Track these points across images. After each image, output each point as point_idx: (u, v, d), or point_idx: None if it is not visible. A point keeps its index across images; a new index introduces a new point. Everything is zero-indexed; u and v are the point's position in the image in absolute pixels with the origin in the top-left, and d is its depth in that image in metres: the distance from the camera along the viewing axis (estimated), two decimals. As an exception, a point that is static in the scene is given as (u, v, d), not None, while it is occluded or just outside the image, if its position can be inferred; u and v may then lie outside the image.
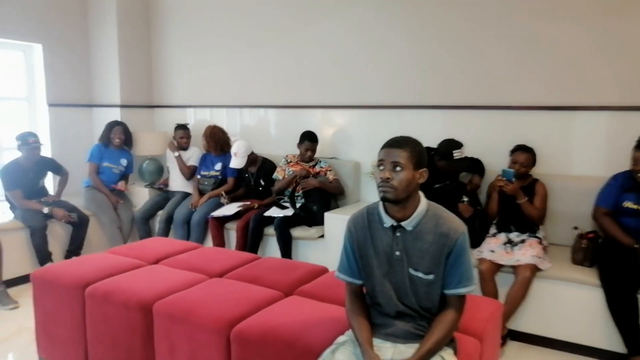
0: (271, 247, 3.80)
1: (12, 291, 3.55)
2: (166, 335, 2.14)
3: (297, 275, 2.50)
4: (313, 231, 3.64)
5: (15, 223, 3.80)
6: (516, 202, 3.04)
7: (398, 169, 1.55)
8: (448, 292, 1.61)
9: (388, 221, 1.62)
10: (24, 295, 3.48)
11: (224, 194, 4.15)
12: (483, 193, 3.36)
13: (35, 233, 3.75)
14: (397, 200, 1.56)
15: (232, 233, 3.94)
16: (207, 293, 2.26)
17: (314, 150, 3.94)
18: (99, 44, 4.91)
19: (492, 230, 3.20)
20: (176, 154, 4.50)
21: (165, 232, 4.25)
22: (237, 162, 4.02)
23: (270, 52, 4.47)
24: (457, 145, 3.19)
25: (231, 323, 1.99)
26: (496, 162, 3.37)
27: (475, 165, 3.41)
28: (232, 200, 4.15)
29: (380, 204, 1.65)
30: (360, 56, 4.05)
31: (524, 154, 3.12)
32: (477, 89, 3.62)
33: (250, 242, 3.74)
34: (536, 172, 3.22)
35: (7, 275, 3.57)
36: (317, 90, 4.29)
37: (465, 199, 3.15)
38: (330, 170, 3.92)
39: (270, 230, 3.73)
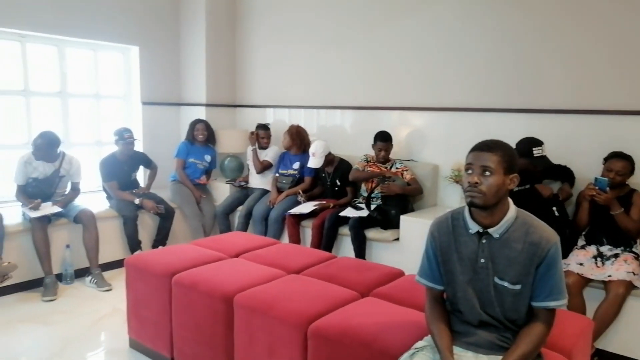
0: (345, 246, 3.83)
1: (106, 274, 3.84)
2: (246, 326, 2.22)
3: (373, 277, 2.50)
4: (388, 234, 3.62)
5: (110, 212, 4.11)
6: (609, 213, 2.84)
7: (487, 173, 1.50)
8: (536, 304, 1.53)
9: (474, 227, 1.58)
10: (117, 278, 3.77)
11: (301, 193, 4.23)
12: (572, 203, 3.17)
13: (127, 222, 4.05)
14: (485, 206, 1.51)
15: (307, 231, 4.01)
16: (286, 288, 2.31)
17: (387, 151, 3.90)
18: (188, 46, 5.19)
19: (581, 241, 3.02)
20: (251, 147, 4.67)
21: (245, 227, 4.40)
22: (314, 161, 4.09)
23: (347, 53, 4.50)
24: (537, 142, 3.09)
25: (309, 319, 2.02)
26: (586, 170, 3.17)
27: (564, 173, 3.22)
28: (309, 199, 4.22)
29: (466, 209, 1.61)
30: (439, 57, 3.97)
31: (620, 162, 2.90)
32: (565, 92, 3.41)
33: (325, 240, 3.79)
34: (634, 181, 2.98)
35: (102, 260, 3.88)
36: (394, 92, 4.25)
37: (553, 208, 2.99)
38: (406, 170, 3.87)
39: (344, 230, 3.76)
